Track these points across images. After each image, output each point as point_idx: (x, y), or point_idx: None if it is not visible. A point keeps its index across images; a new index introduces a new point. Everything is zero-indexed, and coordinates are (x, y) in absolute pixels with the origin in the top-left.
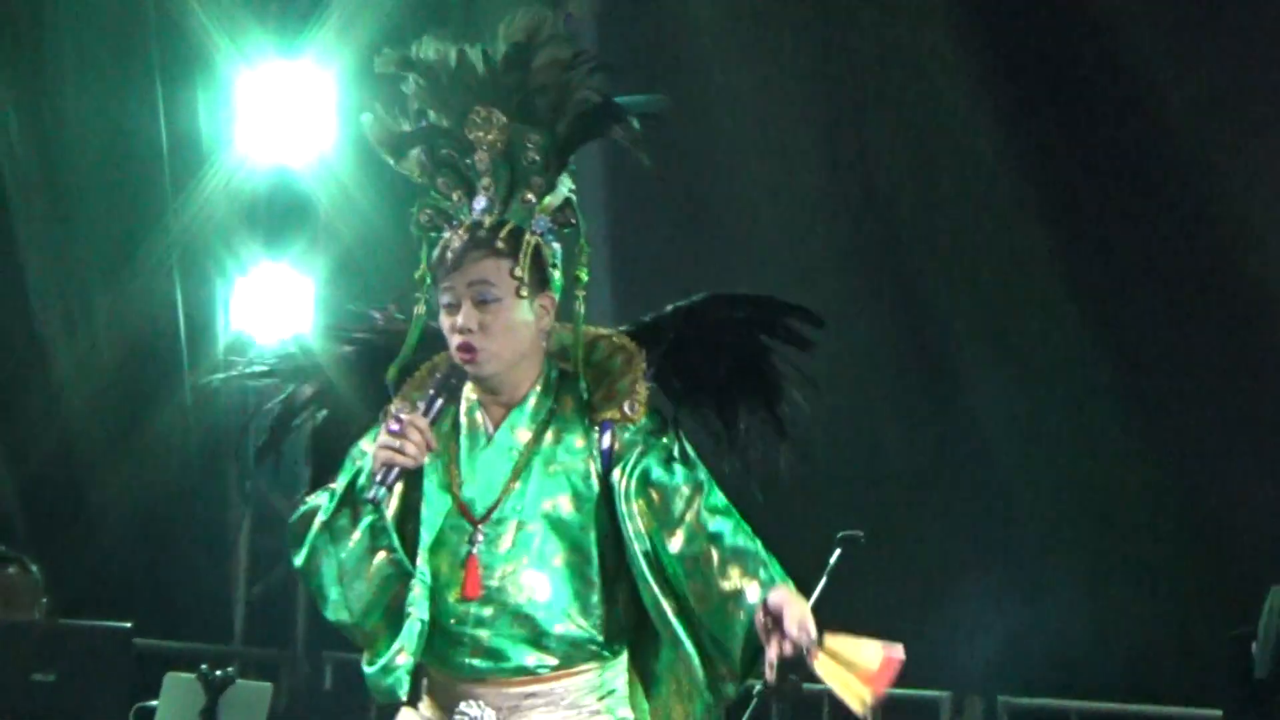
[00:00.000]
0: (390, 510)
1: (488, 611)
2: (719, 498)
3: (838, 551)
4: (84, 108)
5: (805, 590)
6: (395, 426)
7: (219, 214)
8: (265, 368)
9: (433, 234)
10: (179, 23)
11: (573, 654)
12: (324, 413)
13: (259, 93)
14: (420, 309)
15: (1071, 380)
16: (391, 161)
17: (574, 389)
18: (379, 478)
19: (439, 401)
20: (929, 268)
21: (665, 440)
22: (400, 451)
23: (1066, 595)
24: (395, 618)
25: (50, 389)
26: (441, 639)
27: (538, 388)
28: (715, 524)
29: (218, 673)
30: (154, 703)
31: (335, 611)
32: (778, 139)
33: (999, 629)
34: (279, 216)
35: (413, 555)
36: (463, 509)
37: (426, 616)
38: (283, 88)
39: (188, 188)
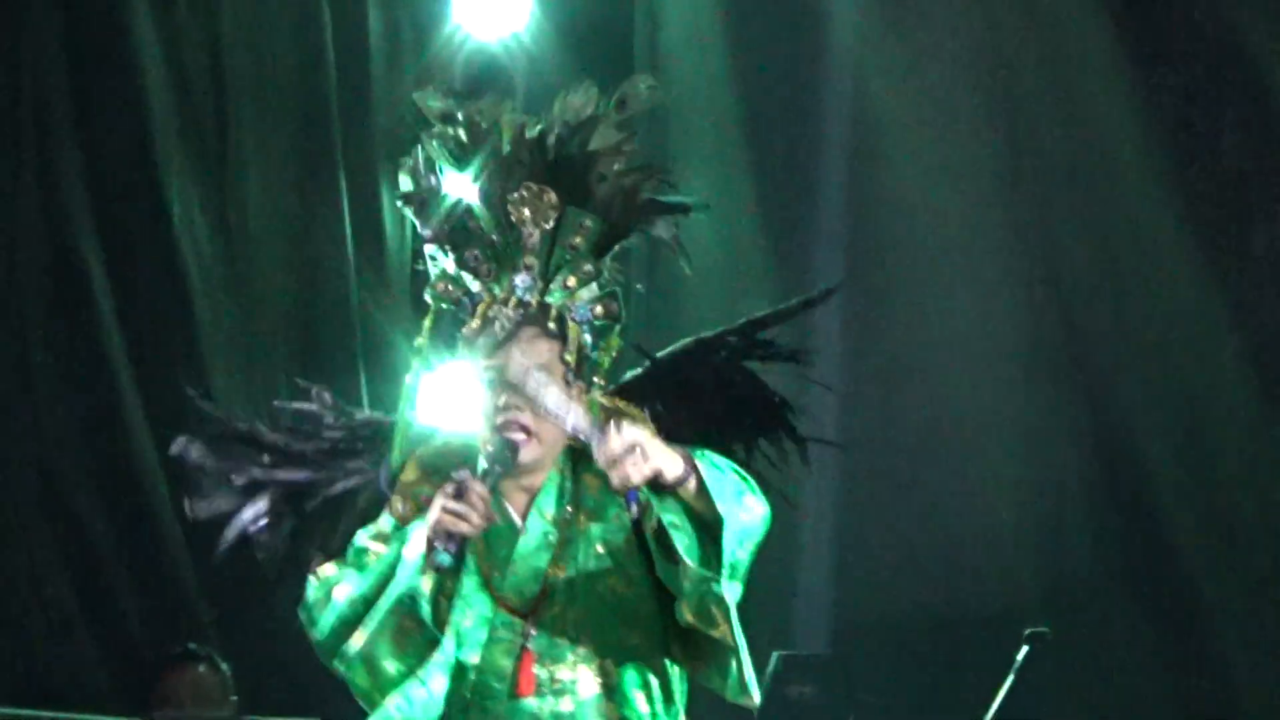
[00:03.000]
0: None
1: (566, 705)
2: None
3: (1025, 649)
4: (268, 206)
5: (993, 687)
6: (457, 491)
7: (405, 308)
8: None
9: (444, 305)
10: (362, 119)
11: None
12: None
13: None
14: (411, 380)
15: (1261, 477)
16: (408, 212)
17: (588, 466)
18: (439, 545)
19: (497, 470)
20: (1116, 366)
21: None
22: (464, 519)
23: (1259, 695)
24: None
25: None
26: None
27: (556, 473)
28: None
29: None
30: None
31: (366, 687)
32: (966, 236)
33: None
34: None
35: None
36: (505, 605)
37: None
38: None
39: (373, 283)
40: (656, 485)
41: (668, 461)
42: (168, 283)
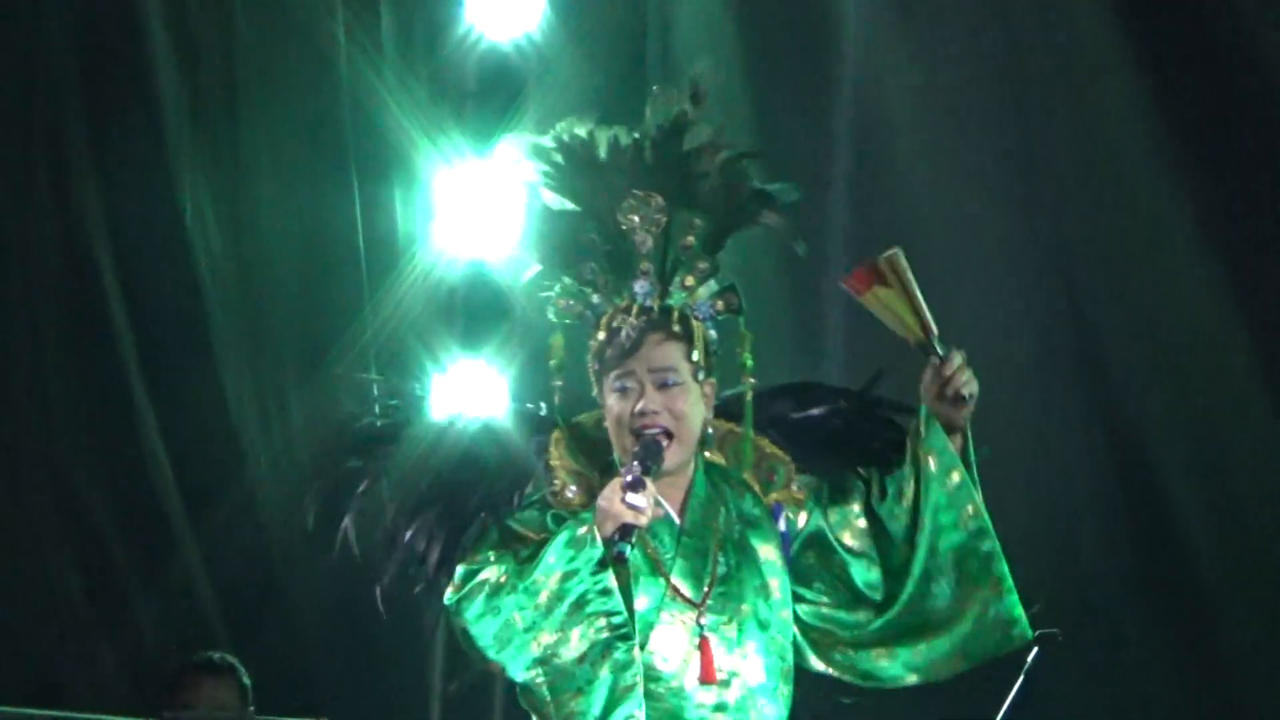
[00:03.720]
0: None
1: (731, 697)
2: None
3: (1034, 650)
4: (279, 206)
5: (1002, 691)
6: (632, 481)
7: (415, 311)
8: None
9: (568, 321)
10: (374, 120)
11: None
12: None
13: (454, 189)
14: (558, 399)
15: (1274, 481)
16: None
17: (726, 476)
18: (623, 537)
19: (650, 465)
20: (1128, 370)
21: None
22: (640, 511)
23: (1271, 699)
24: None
25: (246, 488)
26: None
27: (700, 473)
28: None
29: None
30: None
31: (534, 675)
32: (977, 239)
33: None
34: (475, 313)
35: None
36: (679, 593)
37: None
38: (478, 184)
39: (384, 285)
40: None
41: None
42: (180, 283)
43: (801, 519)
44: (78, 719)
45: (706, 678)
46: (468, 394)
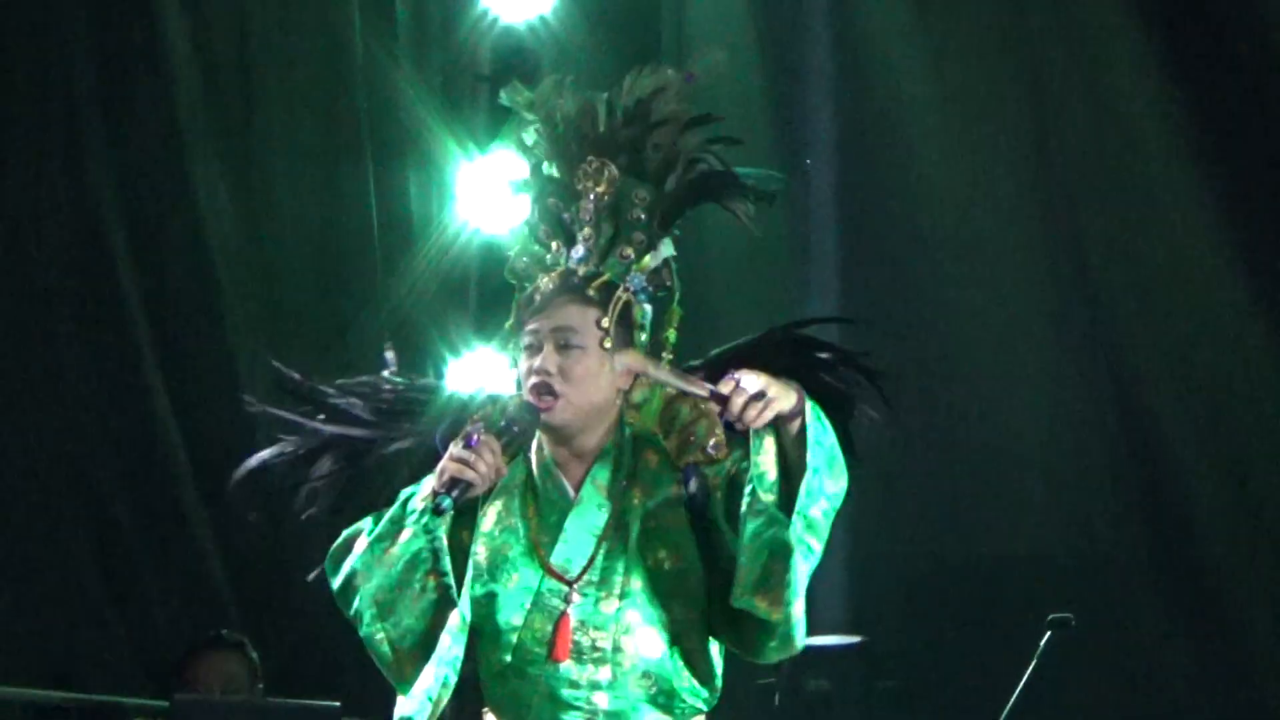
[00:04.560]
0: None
1: (604, 674)
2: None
3: (1048, 635)
4: (294, 188)
5: (1016, 675)
6: (471, 442)
7: (429, 296)
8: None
9: (526, 282)
10: (389, 103)
11: (688, 710)
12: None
13: (469, 172)
14: (512, 354)
15: None
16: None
17: (652, 443)
18: (445, 489)
19: (513, 429)
20: (1142, 353)
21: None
22: (471, 467)
23: None
24: (429, 645)
25: (260, 473)
26: (548, 706)
27: (610, 443)
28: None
29: None
30: None
31: (370, 629)
32: (992, 226)
33: (1210, 712)
34: (490, 297)
35: (458, 590)
36: (552, 572)
37: (456, 672)
38: (493, 167)
39: (398, 269)
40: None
41: (785, 399)
42: (193, 267)
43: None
44: (90, 700)
45: (555, 655)
46: (481, 378)
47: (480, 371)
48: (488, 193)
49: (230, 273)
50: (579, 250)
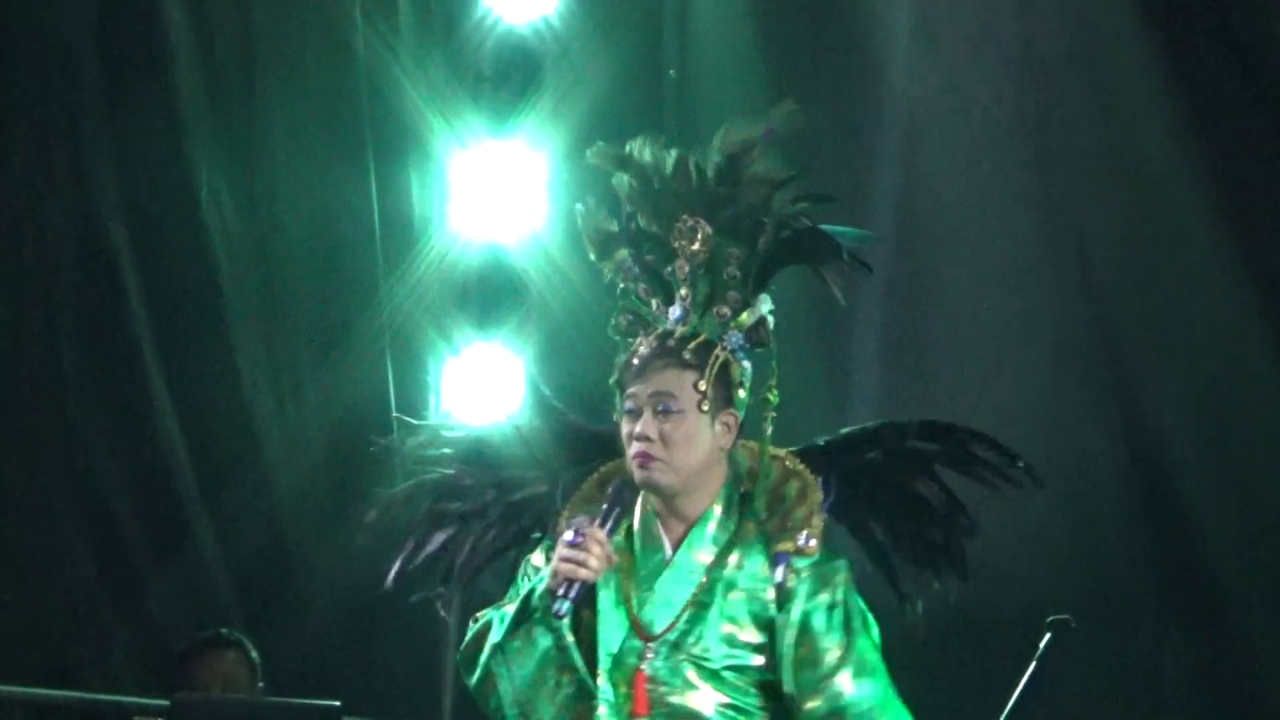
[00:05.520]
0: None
1: None
2: (870, 655)
3: (1047, 636)
4: (296, 187)
5: (1015, 676)
6: (574, 538)
7: (430, 294)
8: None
9: (629, 339)
10: (391, 102)
11: None
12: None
13: (471, 172)
14: (617, 417)
15: None
16: (593, 257)
17: (755, 516)
18: (561, 592)
19: (616, 512)
20: (1145, 356)
21: (833, 585)
22: (582, 565)
23: None
24: None
25: (260, 471)
26: None
27: (717, 508)
28: (855, 690)
29: None
30: None
31: None
32: (997, 230)
33: (1209, 714)
34: (491, 296)
35: (592, 674)
36: (637, 627)
37: None
38: (495, 167)
39: (399, 267)
40: None
41: None
42: (195, 264)
43: (797, 576)
44: (92, 700)
45: (637, 710)
46: (482, 378)
47: (480, 369)
48: (489, 192)
49: (232, 272)
50: (676, 310)
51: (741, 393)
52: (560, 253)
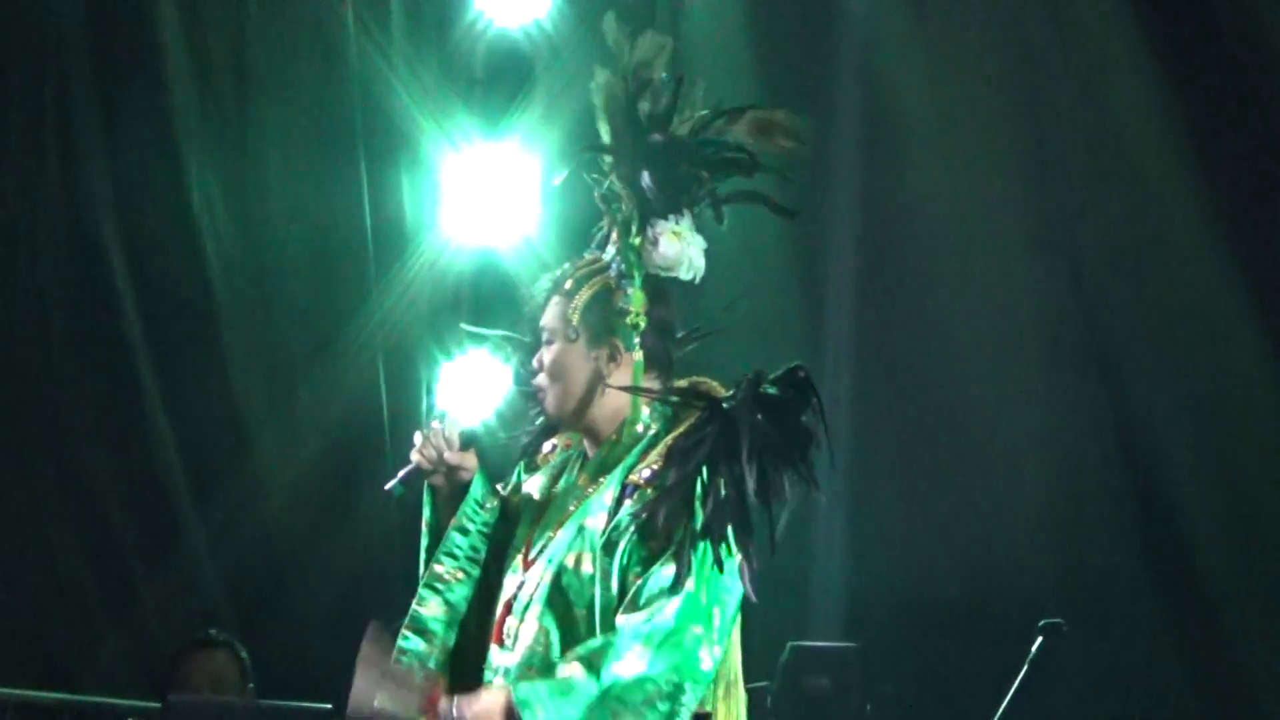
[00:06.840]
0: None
1: (510, 660)
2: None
3: (1040, 640)
4: (288, 190)
5: (1008, 679)
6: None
7: (423, 298)
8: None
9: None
10: (383, 106)
11: None
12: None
13: (464, 175)
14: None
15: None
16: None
17: (626, 445)
18: (402, 472)
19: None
20: (1136, 358)
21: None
22: (419, 451)
23: (1277, 687)
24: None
25: (252, 474)
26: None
27: (614, 438)
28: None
29: None
30: None
31: None
32: (986, 231)
33: (1201, 718)
34: (483, 299)
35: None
36: (523, 559)
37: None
38: (488, 170)
39: (392, 271)
40: None
41: None
42: (187, 267)
43: (626, 510)
44: (84, 702)
45: (495, 637)
46: (474, 381)
47: (473, 372)
48: (481, 195)
49: (224, 276)
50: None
51: (626, 320)
52: (553, 256)
